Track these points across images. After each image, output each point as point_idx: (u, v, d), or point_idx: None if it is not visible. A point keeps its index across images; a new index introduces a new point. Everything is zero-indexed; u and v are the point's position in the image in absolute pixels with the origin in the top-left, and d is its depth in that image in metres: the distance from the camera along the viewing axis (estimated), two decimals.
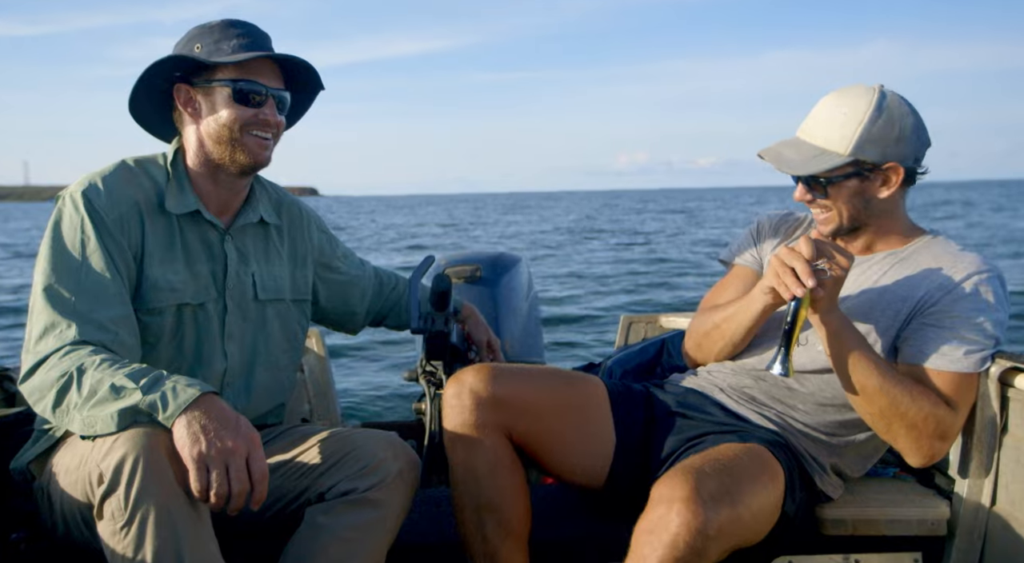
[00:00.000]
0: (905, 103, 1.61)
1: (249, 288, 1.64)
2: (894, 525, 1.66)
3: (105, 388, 1.27)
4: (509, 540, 1.59)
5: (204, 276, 1.57)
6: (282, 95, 1.58)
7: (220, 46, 1.52)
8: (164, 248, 1.53)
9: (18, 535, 1.56)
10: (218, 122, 1.52)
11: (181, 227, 1.56)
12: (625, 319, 2.81)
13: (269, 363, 1.68)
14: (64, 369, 1.31)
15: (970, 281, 1.56)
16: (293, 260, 1.75)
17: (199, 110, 1.54)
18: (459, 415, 1.60)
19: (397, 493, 1.49)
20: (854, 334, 1.55)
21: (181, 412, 1.23)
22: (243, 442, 1.24)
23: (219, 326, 1.59)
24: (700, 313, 1.84)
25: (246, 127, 1.53)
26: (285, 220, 1.76)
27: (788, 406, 1.69)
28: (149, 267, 1.50)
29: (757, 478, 1.44)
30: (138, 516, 1.20)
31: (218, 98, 1.52)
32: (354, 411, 5.46)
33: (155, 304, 1.50)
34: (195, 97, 1.54)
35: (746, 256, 1.86)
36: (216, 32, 1.54)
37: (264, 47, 1.56)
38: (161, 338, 1.52)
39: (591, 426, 1.68)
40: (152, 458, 1.21)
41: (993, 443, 1.61)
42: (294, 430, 1.64)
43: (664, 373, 2.09)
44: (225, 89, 1.51)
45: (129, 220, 1.49)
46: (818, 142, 1.60)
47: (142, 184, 1.53)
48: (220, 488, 1.22)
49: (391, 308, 2.02)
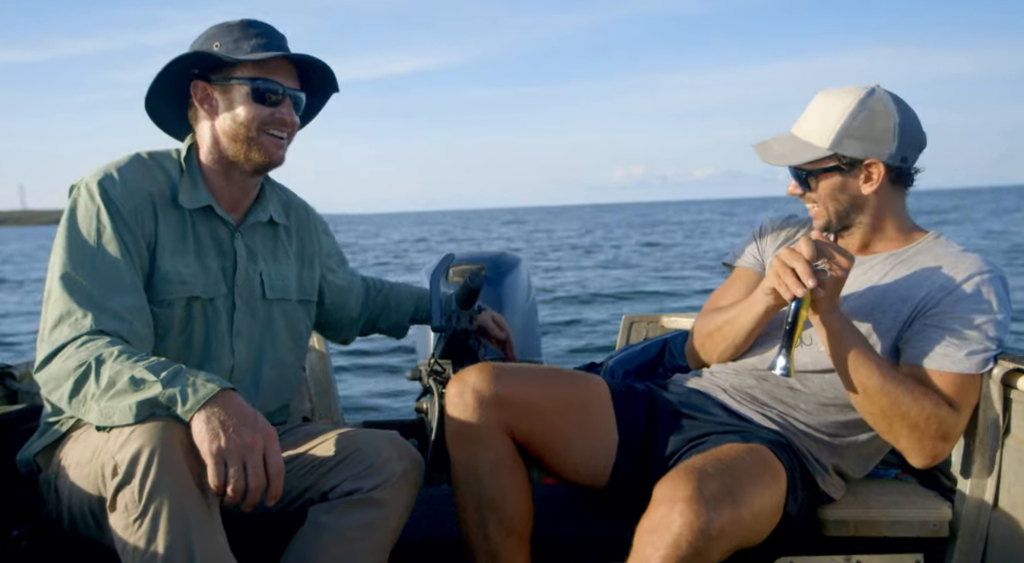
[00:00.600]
0: (895, 102, 1.61)
1: (257, 286, 1.64)
2: (896, 526, 1.66)
3: (124, 380, 1.27)
4: (511, 539, 1.59)
5: (214, 271, 1.58)
6: (298, 95, 1.58)
7: (239, 45, 1.53)
8: (176, 241, 1.53)
9: (19, 531, 1.55)
10: (235, 120, 1.53)
11: (193, 221, 1.56)
12: (627, 319, 2.81)
13: (275, 361, 1.68)
14: (82, 359, 1.32)
15: (972, 282, 1.57)
16: (300, 261, 1.76)
17: (216, 107, 1.55)
18: (461, 414, 1.60)
19: (401, 493, 1.49)
20: (855, 335, 1.55)
21: (200, 407, 1.24)
22: (261, 438, 1.25)
23: (228, 323, 1.59)
24: (703, 314, 1.84)
25: (263, 126, 1.53)
26: (293, 221, 1.76)
27: (790, 406, 1.69)
28: (161, 259, 1.50)
29: (759, 478, 1.44)
30: (151, 509, 1.21)
31: (236, 96, 1.53)
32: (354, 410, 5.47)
33: (166, 296, 1.50)
34: (212, 94, 1.54)
35: (749, 258, 1.87)
36: (236, 31, 1.54)
37: (281, 47, 1.56)
38: (171, 331, 1.52)
39: (594, 425, 1.68)
40: (168, 452, 1.21)
41: (995, 445, 1.61)
42: (297, 429, 1.64)
43: (666, 373, 2.09)
44: (244, 87, 1.52)
45: (143, 211, 1.49)
46: (803, 136, 1.64)
47: (156, 177, 1.54)
48: (237, 483, 1.22)
49: (380, 312, 2.02)
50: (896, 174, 1.63)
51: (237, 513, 1.29)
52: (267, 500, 1.26)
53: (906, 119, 1.61)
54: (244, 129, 1.53)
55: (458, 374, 1.65)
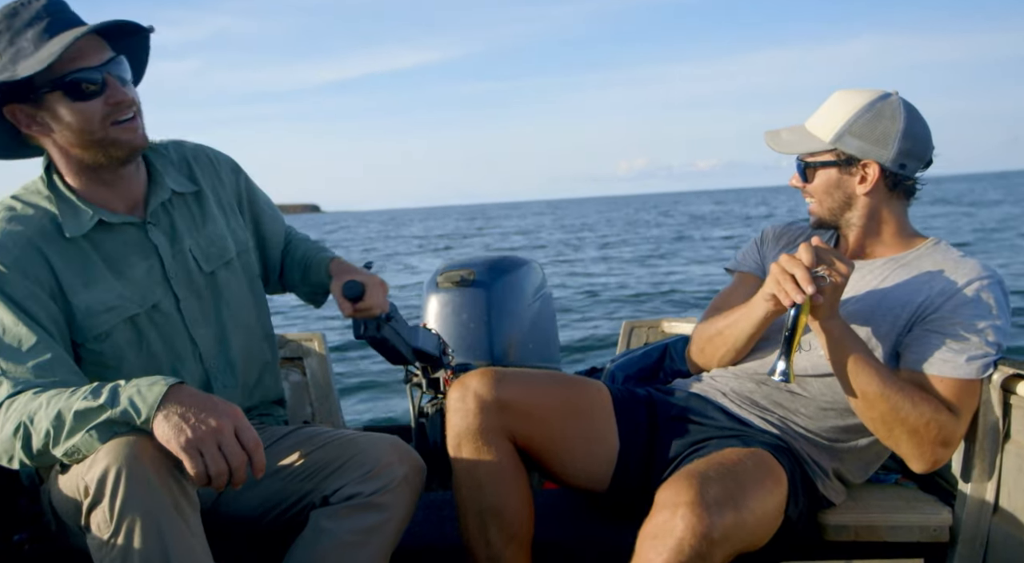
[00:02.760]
0: (906, 110, 1.63)
1: (192, 265, 1.55)
2: (896, 531, 1.66)
3: (69, 418, 1.22)
4: (512, 544, 1.59)
5: (142, 279, 1.49)
6: (119, 67, 1.38)
7: (20, 45, 1.32)
8: (83, 272, 1.43)
9: (21, 536, 1.56)
10: (71, 129, 1.36)
11: (93, 243, 1.45)
12: (627, 324, 2.81)
13: (239, 326, 1.62)
14: (15, 421, 1.26)
15: (971, 287, 1.57)
16: (223, 212, 1.66)
17: (46, 124, 1.38)
18: (463, 419, 1.60)
19: (402, 497, 1.49)
20: (855, 340, 1.55)
21: (156, 410, 1.21)
22: (226, 418, 1.21)
23: (179, 317, 1.53)
24: (704, 319, 1.84)
25: (103, 120, 1.37)
26: (202, 176, 1.64)
27: (790, 411, 1.69)
28: (74, 296, 1.41)
29: (761, 483, 1.45)
30: (124, 526, 1.18)
31: (56, 105, 1.35)
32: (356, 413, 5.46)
33: (99, 329, 1.43)
34: (33, 114, 1.37)
35: (750, 263, 1.88)
36: (5, 31, 1.33)
37: (65, 23, 1.34)
38: (126, 355, 1.46)
39: (595, 430, 1.69)
40: (135, 467, 1.18)
41: (995, 450, 1.61)
42: (297, 432, 1.64)
43: (667, 378, 2.09)
44: (56, 93, 1.33)
45: (29, 260, 1.37)
46: (811, 129, 1.69)
47: (29, 218, 1.41)
48: (219, 466, 1.19)
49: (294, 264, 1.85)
50: (893, 180, 1.64)
51: (237, 517, 1.28)
52: (254, 473, 1.23)
53: (912, 128, 1.62)
54: (87, 134, 1.36)
55: (460, 379, 1.65)
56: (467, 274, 2.44)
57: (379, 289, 1.66)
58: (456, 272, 2.45)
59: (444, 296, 2.44)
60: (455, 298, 2.41)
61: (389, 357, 1.84)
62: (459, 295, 2.41)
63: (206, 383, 1.57)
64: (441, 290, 2.45)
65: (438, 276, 2.49)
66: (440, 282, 2.46)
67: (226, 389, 1.60)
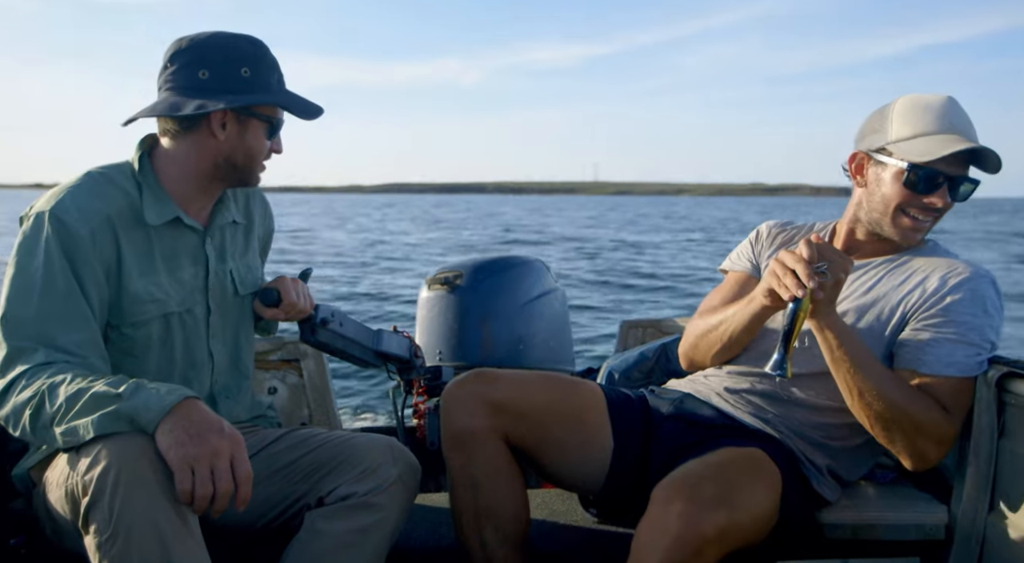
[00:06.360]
0: (913, 103, 1.62)
1: (229, 285, 1.65)
2: (892, 530, 1.66)
3: (84, 399, 1.24)
4: (507, 545, 1.59)
5: (188, 281, 1.57)
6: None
7: (260, 76, 1.53)
8: (143, 260, 1.50)
9: (17, 540, 1.56)
10: (247, 152, 1.55)
11: (159, 236, 1.53)
12: (624, 324, 2.80)
13: (248, 348, 1.73)
14: (35, 389, 1.29)
15: (965, 286, 1.58)
16: (259, 250, 1.80)
17: (228, 133, 1.52)
18: (458, 420, 1.60)
19: (397, 497, 1.49)
20: (851, 338, 1.55)
21: (164, 416, 1.22)
22: (228, 443, 1.23)
23: (204, 328, 1.60)
24: (697, 316, 1.85)
25: (264, 158, 1.59)
26: (255, 212, 1.77)
27: (785, 409, 1.69)
28: (129, 280, 1.47)
29: (755, 481, 1.45)
30: (123, 528, 1.18)
31: (252, 129, 1.54)
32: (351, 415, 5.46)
33: (139, 317, 1.49)
34: (228, 122, 1.52)
35: (744, 262, 1.88)
36: (258, 61, 1.53)
37: (280, 83, 1.58)
38: (151, 348, 1.52)
39: (589, 431, 1.69)
40: (135, 469, 1.19)
41: (991, 448, 1.61)
42: (293, 434, 1.64)
43: (662, 378, 2.09)
44: (262, 125, 1.54)
45: (101, 236, 1.44)
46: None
47: (112, 196, 1.48)
48: (205, 489, 1.20)
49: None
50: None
51: (234, 519, 1.28)
52: (236, 505, 1.24)
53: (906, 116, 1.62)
54: (250, 160, 1.56)
55: (454, 380, 1.66)
56: (453, 277, 2.46)
57: (291, 287, 1.72)
58: (443, 274, 2.47)
59: (431, 298, 2.48)
60: (441, 301, 2.44)
61: (348, 360, 1.87)
62: (445, 298, 2.44)
63: (211, 397, 1.63)
64: (429, 292, 2.49)
65: (427, 279, 2.51)
66: (429, 284, 2.50)
67: (228, 400, 1.66)
